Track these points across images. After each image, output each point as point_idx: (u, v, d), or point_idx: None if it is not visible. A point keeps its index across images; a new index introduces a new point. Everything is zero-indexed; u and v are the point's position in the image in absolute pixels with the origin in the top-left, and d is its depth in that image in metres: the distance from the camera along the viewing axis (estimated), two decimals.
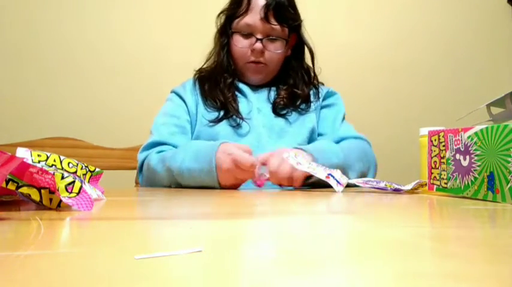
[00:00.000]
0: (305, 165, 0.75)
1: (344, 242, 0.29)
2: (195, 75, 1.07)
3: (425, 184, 0.68)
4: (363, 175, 0.91)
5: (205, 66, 1.07)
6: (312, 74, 1.07)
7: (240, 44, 0.98)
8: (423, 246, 0.27)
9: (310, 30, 1.07)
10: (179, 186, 0.88)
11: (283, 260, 0.22)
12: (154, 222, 0.39)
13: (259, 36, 0.96)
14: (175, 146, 0.94)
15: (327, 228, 0.35)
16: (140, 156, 0.96)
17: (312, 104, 1.04)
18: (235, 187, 0.83)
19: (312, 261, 0.22)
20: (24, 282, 0.18)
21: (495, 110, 0.74)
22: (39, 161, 0.51)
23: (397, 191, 0.70)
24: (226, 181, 0.81)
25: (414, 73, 1.83)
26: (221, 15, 1.03)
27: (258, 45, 0.96)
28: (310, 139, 1.01)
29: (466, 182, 0.57)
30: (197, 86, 1.04)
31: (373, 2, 1.82)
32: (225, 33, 1.02)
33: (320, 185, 0.81)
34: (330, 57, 1.73)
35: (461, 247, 0.26)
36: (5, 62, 1.59)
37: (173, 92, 1.06)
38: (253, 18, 0.96)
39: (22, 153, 0.51)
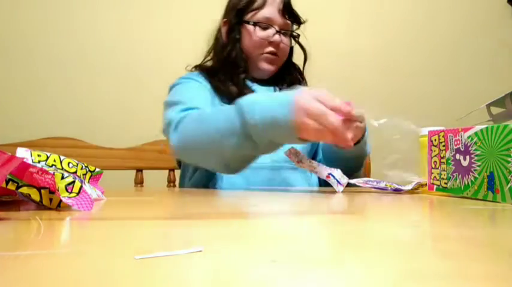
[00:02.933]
0: (306, 163, 0.75)
1: (344, 242, 0.29)
2: (196, 69, 1.03)
3: (425, 184, 0.68)
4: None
5: (207, 63, 1.05)
6: (302, 75, 1.08)
7: (258, 35, 0.98)
8: (423, 246, 0.27)
9: (311, 33, 1.07)
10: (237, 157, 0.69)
11: (283, 260, 0.22)
12: (154, 222, 0.39)
13: (277, 28, 0.98)
14: None
15: (327, 228, 0.35)
16: (172, 137, 0.77)
17: None
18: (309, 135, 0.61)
19: (312, 261, 0.22)
20: (24, 282, 0.18)
21: (495, 110, 0.74)
22: (39, 161, 0.51)
23: (397, 191, 0.70)
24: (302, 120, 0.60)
25: (414, 73, 1.83)
26: (231, 11, 1.02)
27: (277, 37, 0.98)
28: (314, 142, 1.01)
29: (466, 182, 0.57)
30: (205, 78, 0.99)
31: (373, 5, 1.82)
32: (236, 28, 1.01)
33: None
34: (331, 59, 1.74)
35: (461, 247, 0.26)
36: (5, 62, 1.59)
37: (183, 78, 0.98)
38: (271, 11, 0.98)
39: (22, 153, 0.51)
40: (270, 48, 0.99)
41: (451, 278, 0.19)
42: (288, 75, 1.06)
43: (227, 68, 1.00)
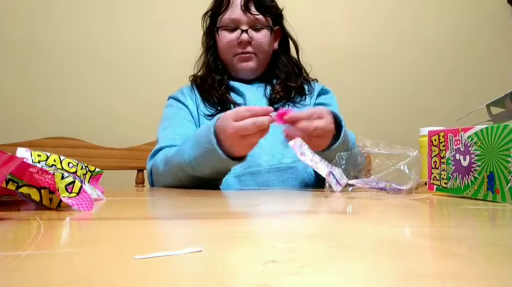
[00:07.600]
0: (308, 157, 0.74)
1: (343, 242, 0.29)
2: (190, 81, 1.07)
3: (425, 184, 0.68)
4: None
5: (198, 71, 1.07)
6: (300, 67, 1.07)
7: (226, 38, 0.99)
8: (423, 246, 0.27)
9: (312, 32, 1.07)
10: (196, 181, 0.82)
11: (283, 260, 0.22)
12: (154, 222, 0.39)
13: (244, 27, 0.98)
14: None
15: (327, 228, 0.35)
16: (148, 164, 0.95)
17: (307, 96, 1.04)
18: (248, 149, 0.74)
19: (312, 261, 0.22)
20: (24, 282, 0.18)
21: (495, 110, 0.74)
22: (39, 161, 0.51)
23: (397, 191, 0.70)
24: (234, 143, 0.73)
25: (414, 73, 1.83)
26: (205, 17, 1.05)
27: (244, 36, 0.98)
28: None
29: (466, 182, 0.57)
30: (194, 89, 1.04)
31: (373, 4, 1.82)
32: (210, 33, 1.04)
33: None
34: (331, 58, 1.73)
35: (461, 247, 0.26)
36: (5, 62, 1.59)
37: (171, 98, 1.05)
38: (235, 11, 0.98)
39: (22, 153, 0.51)
40: (240, 49, 0.99)
41: (451, 278, 0.19)
42: (281, 70, 1.05)
43: (209, 74, 1.03)
